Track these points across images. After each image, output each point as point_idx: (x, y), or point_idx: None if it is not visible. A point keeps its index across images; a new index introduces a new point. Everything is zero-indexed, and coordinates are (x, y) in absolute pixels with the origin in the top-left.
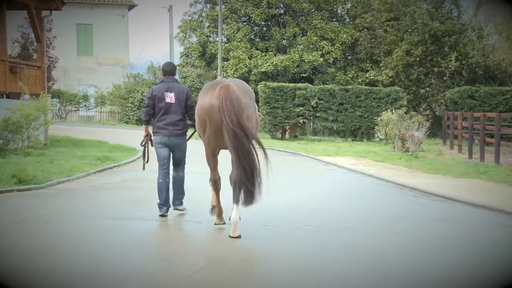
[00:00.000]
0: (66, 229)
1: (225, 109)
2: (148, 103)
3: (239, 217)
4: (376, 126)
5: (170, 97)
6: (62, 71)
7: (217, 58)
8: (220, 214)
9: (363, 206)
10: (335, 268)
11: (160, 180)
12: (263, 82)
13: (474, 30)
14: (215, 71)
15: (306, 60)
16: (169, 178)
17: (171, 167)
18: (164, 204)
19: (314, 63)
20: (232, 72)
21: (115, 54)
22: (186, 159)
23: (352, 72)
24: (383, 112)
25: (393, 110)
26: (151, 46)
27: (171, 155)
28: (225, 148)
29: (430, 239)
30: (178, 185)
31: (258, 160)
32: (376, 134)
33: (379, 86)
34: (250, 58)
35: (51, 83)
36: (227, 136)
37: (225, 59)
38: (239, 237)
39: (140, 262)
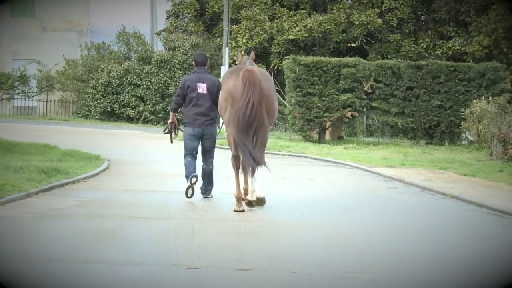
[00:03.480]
0: None
1: (248, 91)
2: (180, 93)
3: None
4: (463, 122)
5: (202, 88)
6: None
7: (222, 19)
8: (239, 198)
9: (444, 244)
10: None
11: (189, 159)
12: (291, 56)
13: None
14: (218, 40)
15: (357, 22)
16: (196, 159)
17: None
18: (192, 171)
19: (369, 26)
20: (244, 40)
21: (69, 14)
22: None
23: (427, 40)
24: (475, 101)
25: (490, 98)
26: (122, 1)
27: (200, 145)
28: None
29: None
30: (208, 177)
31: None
32: (463, 134)
33: (469, 61)
34: (271, 19)
35: None
36: (243, 113)
37: (235, 21)
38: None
39: None
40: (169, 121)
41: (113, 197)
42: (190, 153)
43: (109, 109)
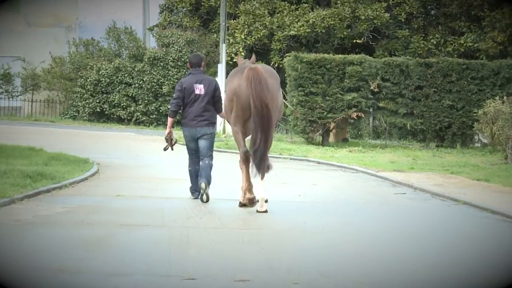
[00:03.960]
0: None
1: (253, 90)
2: (179, 95)
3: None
4: (476, 124)
5: (200, 89)
6: None
7: (219, 13)
8: (246, 190)
9: (456, 254)
10: None
11: (190, 168)
12: (292, 53)
13: None
14: (215, 35)
15: (363, 17)
16: (198, 165)
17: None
18: (196, 189)
19: (376, 21)
20: (243, 36)
21: (56, 9)
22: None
23: (437, 36)
24: (488, 101)
25: (505, 97)
26: None
27: (198, 144)
28: (248, 129)
29: None
30: (205, 171)
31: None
32: (476, 137)
33: (482, 59)
34: (272, 14)
35: None
36: (254, 112)
37: (232, 16)
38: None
39: None
40: (166, 131)
41: (102, 203)
42: (191, 154)
43: (98, 110)
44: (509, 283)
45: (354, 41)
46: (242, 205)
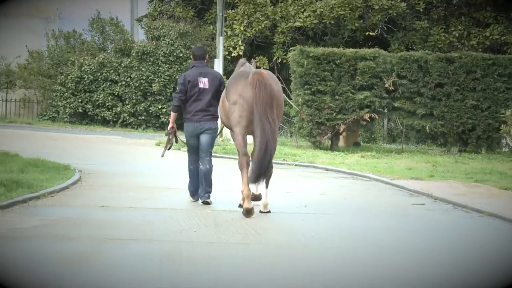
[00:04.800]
0: None
1: (259, 94)
2: (181, 89)
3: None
4: (503, 126)
5: (204, 83)
6: None
7: (216, 2)
8: (248, 196)
9: (481, 272)
10: None
11: (191, 167)
12: (297, 47)
13: None
14: (211, 27)
15: (377, 7)
16: (199, 164)
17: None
18: (195, 192)
19: (391, 11)
20: (242, 28)
21: None
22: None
23: (459, 28)
24: None
25: None
26: None
27: (199, 141)
28: (250, 133)
29: None
30: (206, 178)
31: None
32: (503, 140)
33: (510, 53)
34: (274, 3)
35: None
36: (258, 118)
37: (231, 5)
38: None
39: None
40: (170, 125)
41: (85, 215)
42: (192, 152)
43: (80, 110)
44: None
45: (367, 33)
46: (241, 206)
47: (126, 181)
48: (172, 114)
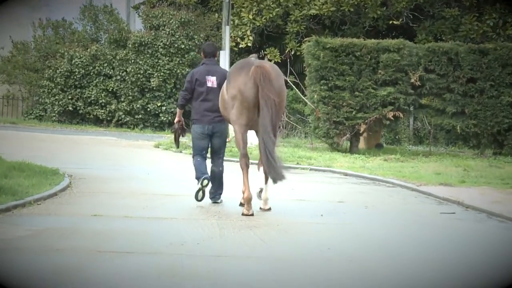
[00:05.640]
0: None
1: (262, 88)
2: (188, 87)
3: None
4: None
5: (212, 81)
6: None
7: None
8: (249, 200)
9: None
10: None
11: (199, 159)
12: (313, 37)
13: None
14: (216, 15)
15: None
16: (206, 159)
17: (208, 161)
18: (204, 172)
19: None
20: (251, 17)
21: None
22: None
23: (494, 16)
24: None
25: None
26: None
27: (210, 143)
28: (251, 128)
29: None
30: (218, 180)
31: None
32: None
33: None
34: None
35: None
36: (265, 110)
37: None
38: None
39: None
40: (176, 119)
41: (76, 225)
42: (199, 153)
43: (70, 108)
44: None
45: (390, 22)
46: (242, 204)
47: (121, 187)
48: (178, 111)
